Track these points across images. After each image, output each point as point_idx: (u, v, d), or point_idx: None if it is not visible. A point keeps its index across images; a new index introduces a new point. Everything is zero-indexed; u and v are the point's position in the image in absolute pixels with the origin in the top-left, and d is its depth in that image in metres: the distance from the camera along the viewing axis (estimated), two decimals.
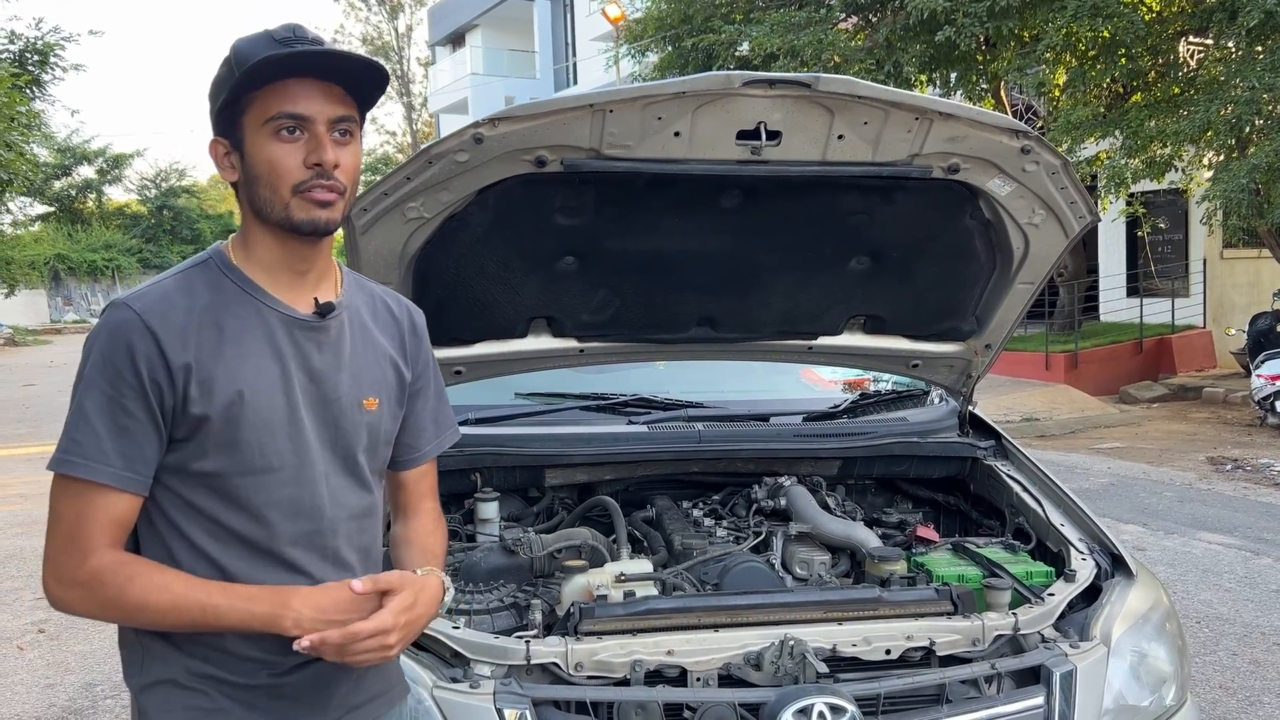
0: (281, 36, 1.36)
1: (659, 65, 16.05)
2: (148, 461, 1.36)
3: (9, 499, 8.04)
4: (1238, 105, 9.37)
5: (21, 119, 14.09)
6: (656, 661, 1.94)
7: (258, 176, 1.38)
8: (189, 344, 1.36)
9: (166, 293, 1.40)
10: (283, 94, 1.36)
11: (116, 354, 1.34)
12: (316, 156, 1.36)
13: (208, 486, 1.39)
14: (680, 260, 2.57)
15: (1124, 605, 2.23)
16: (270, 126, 1.36)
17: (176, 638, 1.41)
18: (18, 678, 4.34)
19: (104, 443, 1.34)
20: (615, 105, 2.06)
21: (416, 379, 1.63)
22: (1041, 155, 2.30)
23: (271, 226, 1.41)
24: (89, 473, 1.34)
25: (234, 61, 1.37)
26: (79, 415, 1.35)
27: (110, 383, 1.34)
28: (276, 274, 1.44)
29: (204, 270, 1.44)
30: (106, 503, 1.35)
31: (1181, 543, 6.21)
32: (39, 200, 33.92)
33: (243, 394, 1.38)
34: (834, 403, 3.24)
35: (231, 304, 1.41)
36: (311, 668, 1.45)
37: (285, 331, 1.43)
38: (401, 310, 1.63)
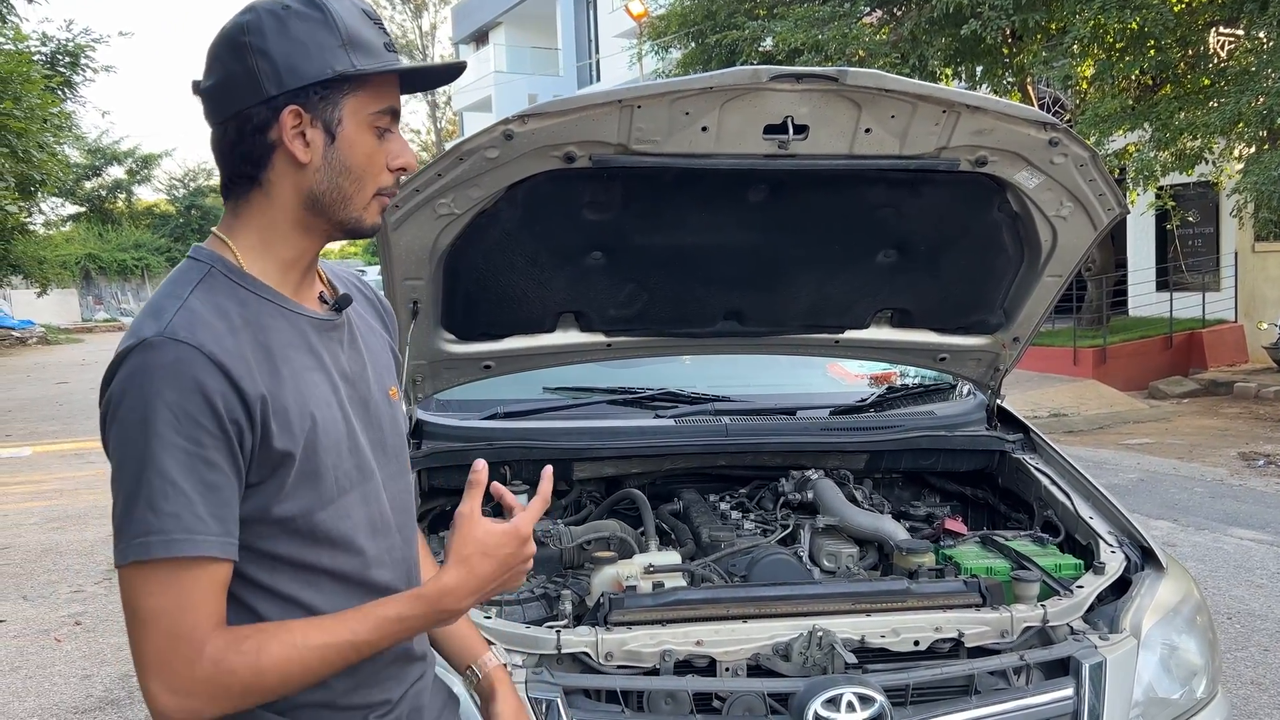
0: (375, 17, 1.25)
1: (682, 61, 16.05)
2: (236, 518, 1.17)
3: (44, 494, 8.17)
4: (1269, 96, 9.25)
5: (53, 120, 14.29)
6: (686, 652, 1.96)
7: (350, 168, 1.22)
8: (254, 371, 1.17)
9: (201, 317, 1.17)
10: (388, 88, 1.24)
11: (186, 399, 1.12)
12: (404, 160, 1.27)
13: (290, 530, 1.22)
14: (707, 254, 2.58)
15: (1154, 598, 2.23)
16: (373, 119, 1.23)
17: (284, 707, 1.23)
18: (55, 669, 4.42)
19: (198, 508, 1.12)
20: (643, 101, 2.08)
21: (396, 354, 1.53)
22: (1069, 147, 2.30)
23: (316, 221, 1.25)
24: (195, 548, 1.11)
25: (341, 30, 1.19)
26: (159, 484, 1.10)
27: (187, 436, 1.12)
28: (288, 273, 1.28)
29: (212, 283, 1.22)
30: (209, 578, 1.14)
31: (1212, 538, 6.15)
32: (70, 201, 34.37)
33: (315, 418, 1.22)
34: (861, 396, 3.24)
35: (261, 316, 1.22)
36: (408, 695, 1.37)
37: (317, 336, 1.28)
38: (370, 290, 1.51)
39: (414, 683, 1.39)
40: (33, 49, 15.40)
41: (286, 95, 1.19)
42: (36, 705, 4.05)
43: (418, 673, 1.41)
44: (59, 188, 21.01)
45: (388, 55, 1.24)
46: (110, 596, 5.37)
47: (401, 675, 1.37)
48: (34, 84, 12.99)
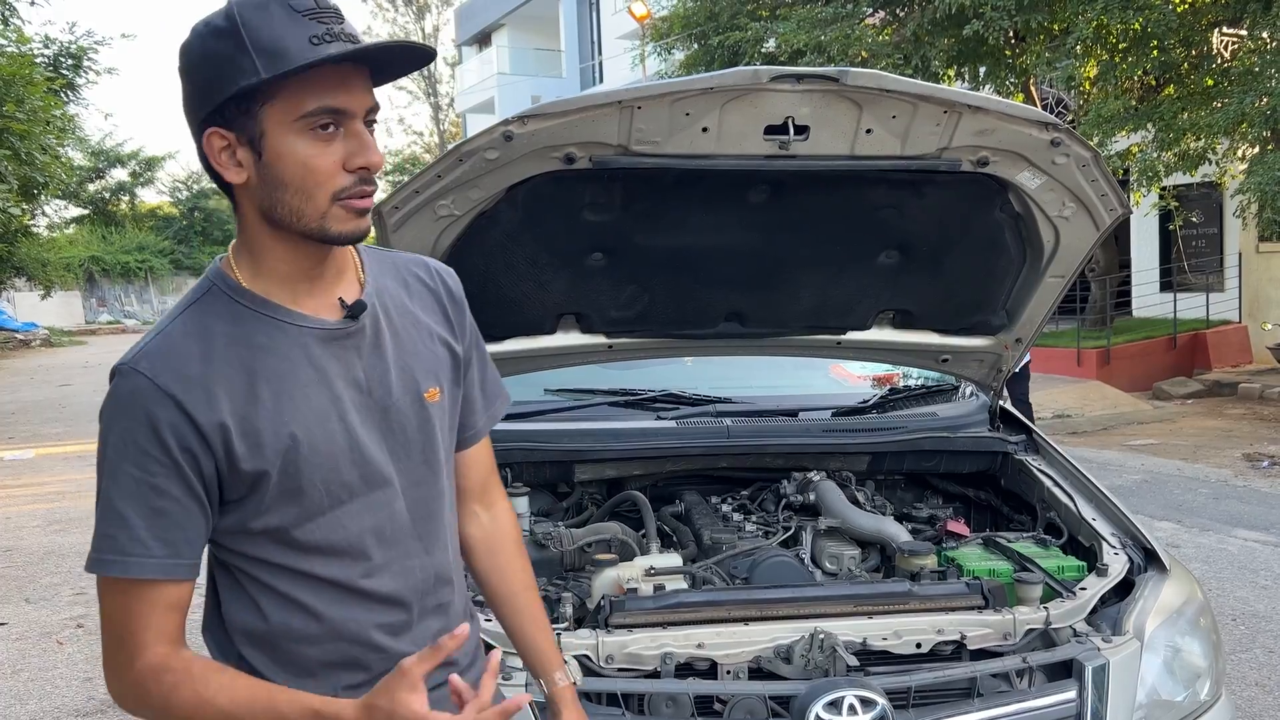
0: (304, 7, 1.13)
1: (685, 63, 16.04)
2: (193, 542, 1.20)
3: (47, 496, 8.18)
4: (1273, 97, 9.23)
5: (56, 123, 14.31)
6: (687, 654, 1.95)
7: (285, 182, 1.16)
8: (217, 399, 1.17)
9: (173, 344, 1.19)
10: (320, 85, 1.13)
11: (136, 429, 1.16)
12: (364, 159, 1.16)
13: (274, 540, 1.24)
14: (708, 256, 2.57)
15: (1157, 600, 2.21)
16: (305, 123, 1.14)
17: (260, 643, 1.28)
18: (57, 672, 4.42)
19: (139, 532, 1.16)
20: (643, 102, 2.07)
21: (467, 350, 1.44)
22: (1071, 147, 2.29)
23: (289, 234, 1.20)
24: (126, 570, 1.17)
25: (247, 39, 1.12)
26: (107, 507, 1.18)
27: (135, 463, 1.16)
28: (294, 284, 1.24)
29: (209, 302, 1.23)
30: (154, 597, 1.19)
31: (1217, 540, 6.13)
32: (73, 203, 34.43)
33: (296, 437, 1.20)
34: (863, 398, 3.23)
35: (253, 334, 1.21)
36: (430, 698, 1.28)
37: (321, 348, 1.24)
38: (434, 278, 1.42)
39: (434, 689, 1.27)
40: (35, 51, 15.43)
41: (208, 118, 1.16)
42: (38, 708, 4.05)
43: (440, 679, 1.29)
44: (62, 190, 21.03)
45: (311, 52, 1.12)
46: None
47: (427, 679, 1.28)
48: (36, 86, 13.01)
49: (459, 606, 1.44)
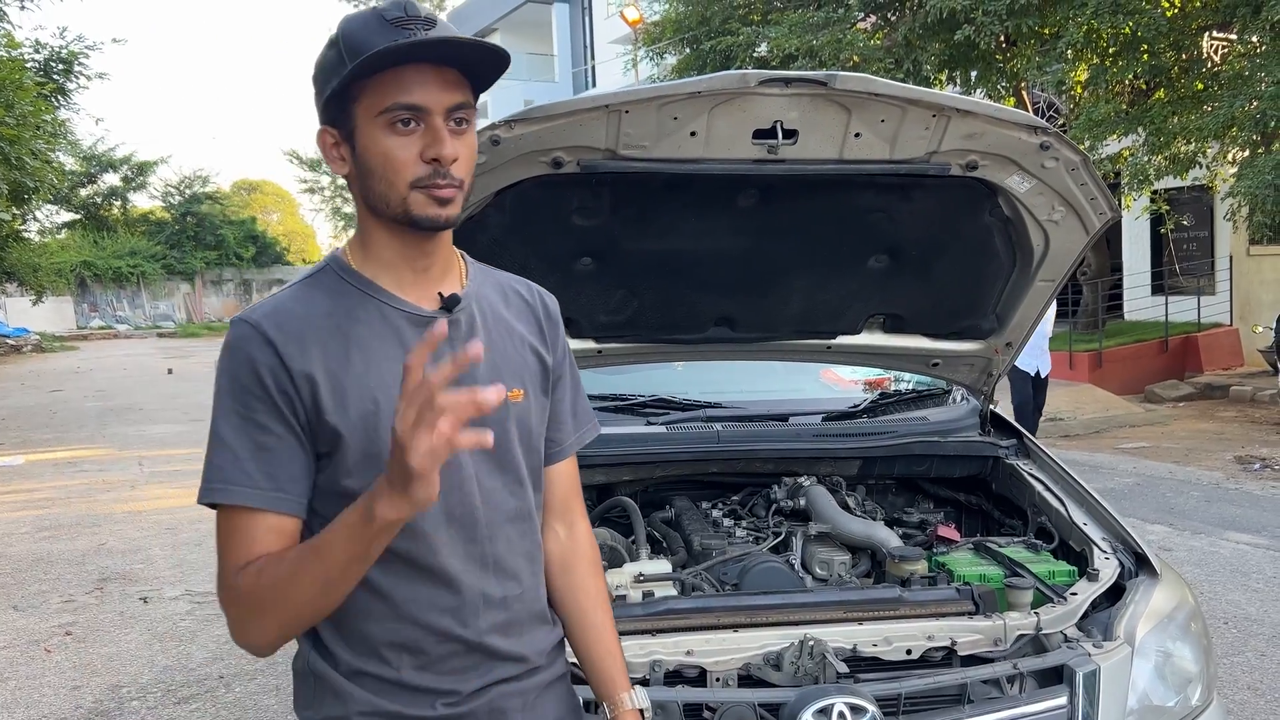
0: (393, 16, 1.26)
1: (677, 67, 16.06)
2: (297, 479, 1.28)
3: (36, 503, 8.14)
4: (1262, 100, 9.26)
5: (47, 128, 14.26)
6: (676, 662, 1.94)
7: (371, 170, 1.29)
8: (310, 353, 1.28)
9: (281, 303, 1.33)
10: (398, 83, 1.25)
11: (240, 370, 1.27)
12: (435, 151, 1.26)
13: None
14: (698, 260, 2.56)
15: (1148, 605, 2.21)
16: (385, 118, 1.26)
17: (349, 670, 1.33)
18: (45, 679, 4.38)
19: (245, 464, 1.25)
20: (631, 106, 2.06)
21: (557, 366, 1.51)
22: (1061, 151, 2.29)
23: (388, 222, 1.33)
24: (231, 497, 1.25)
25: (343, 47, 1.27)
26: (216, 440, 1.27)
27: (241, 401, 1.26)
28: (398, 271, 1.35)
29: (321, 278, 1.36)
30: (259, 527, 1.26)
31: (1209, 543, 6.14)
32: (65, 208, 34.27)
33: (378, 402, 1.28)
34: (854, 402, 3.22)
35: (354, 309, 1.33)
36: (487, 694, 1.38)
37: (413, 331, 1.33)
38: (534, 296, 1.53)
39: (497, 683, 1.38)
40: (25, 56, 15.38)
41: (321, 118, 1.33)
42: (25, 717, 4.02)
43: (505, 674, 1.39)
44: (53, 195, 20.96)
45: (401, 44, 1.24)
46: (101, 607, 5.34)
47: (477, 669, 1.36)
48: (27, 91, 12.96)
49: (527, 609, 1.44)
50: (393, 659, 1.33)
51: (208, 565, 6.03)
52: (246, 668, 4.40)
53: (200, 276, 37.52)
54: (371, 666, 1.32)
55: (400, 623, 1.32)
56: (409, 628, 1.33)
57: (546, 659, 1.47)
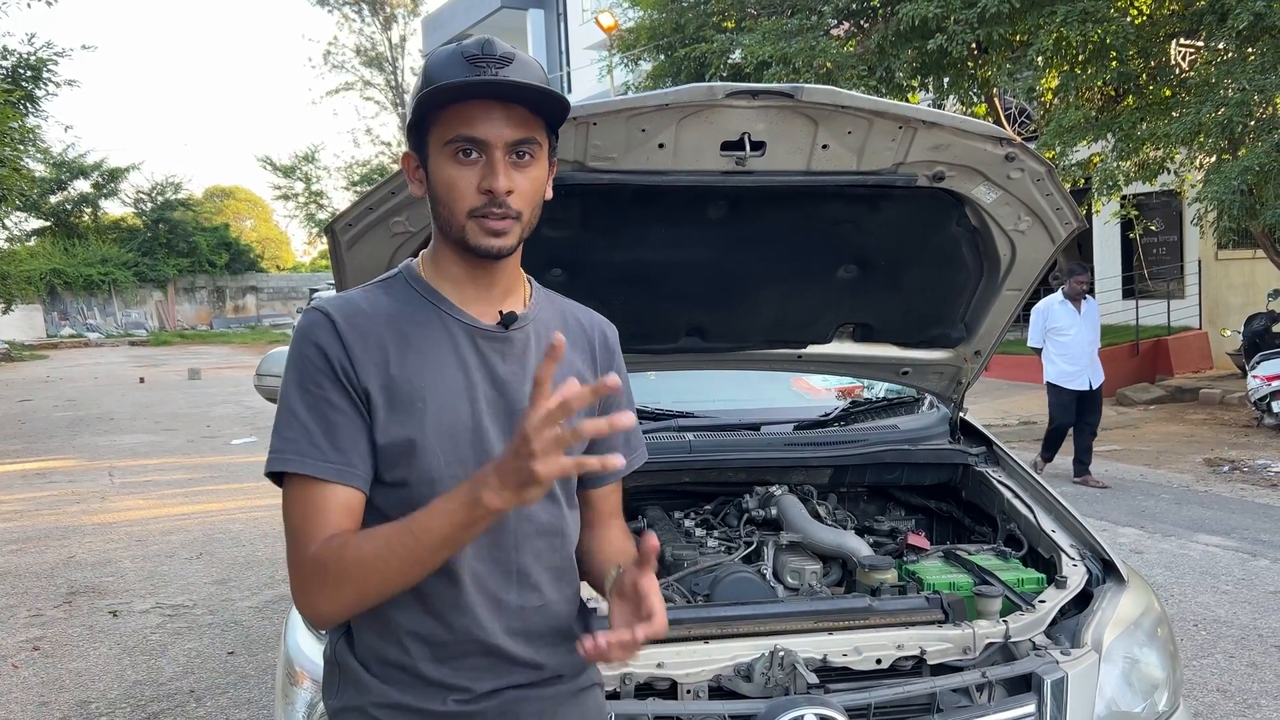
0: (470, 55, 1.35)
1: (652, 74, 16.08)
2: (363, 455, 1.35)
3: (3, 515, 8.02)
4: (1229, 107, 9.39)
5: (15, 134, 14.09)
6: (647, 674, 1.94)
7: (437, 196, 1.38)
8: (371, 346, 1.37)
9: (352, 299, 1.43)
10: (462, 116, 1.34)
11: (310, 352, 1.36)
12: (488, 183, 1.34)
13: (398, 498, 1.36)
14: (668, 271, 2.57)
15: (1115, 611, 2.23)
16: (450, 148, 1.35)
17: (366, 658, 1.40)
18: (12, 695, 4.32)
19: (315, 437, 1.33)
20: (599, 117, 2.06)
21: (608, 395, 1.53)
22: (1026, 162, 2.31)
23: (452, 244, 1.41)
24: (304, 466, 1.32)
25: (424, 79, 1.37)
26: (288, 415, 1.35)
27: (311, 379, 1.35)
28: (463, 288, 1.43)
29: (392, 284, 1.45)
30: (326, 497, 1.32)
31: (1179, 545, 6.20)
32: (35, 215, 33.91)
33: (426, 400, 1.36)
34: (825, 411, 3.24)
35: (416, 313, 1.41)
36: (500, 697, 1.41)
37: (469, 341, 1.41)
38: (593, 325, 1.60)
39: (510, 688, 1.41)
40: None
41: (409, 143, 1.44)
42: None
43: (520, 679, 1.43)
44: (22, 202, 20.70)
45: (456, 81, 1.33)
46: (70, 621, 5.28)
47: (492, 671, 1.40)
48: None
49: (547, 622, 1.46)
50: (412, 648, 1.38)
51: (179, 578, 5.97)
52: (218, 681, 4.35)
53: (173, 284, 37.17)
54: (392, 653, 1.39)
55: (424, 615, 1.38)
56: (431, 620, 1.38)
57: (571, 669, 1.49)
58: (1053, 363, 8.10)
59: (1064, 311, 8.02)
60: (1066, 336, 7.97)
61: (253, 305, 39.24)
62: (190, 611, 5.34)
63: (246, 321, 37.87)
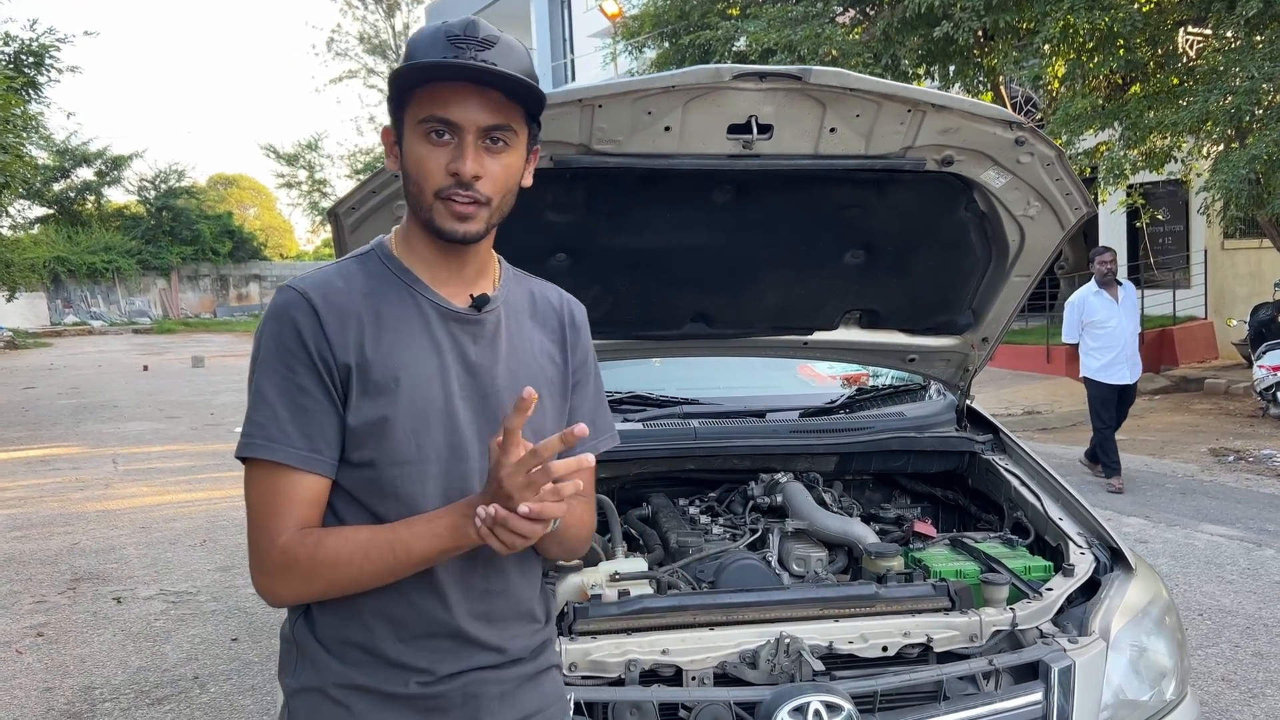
0: (453, 35, 1.33)
1: (656, 61, 16.01)
2: (330, 442, 1.34)
3: (7, 502, 8.03)
4: (1237, 95, 9.33)
5: (18, 121, 14.07)
6: (651, 661, 1.93)
7: (408, 174, 1.38)
8: (348, 326, 1.36)
9: (327, 276, 1.41)
10: (437, 97, 1.33)
11: (285, 332, 1.34)
12: (455, 166, 1.33)
13: (364, 477, 1.36)
14: (673, 256, 2.55)
15: (1123, 599, 2.21)
16: (423, 127, 1.34)
17: (327, 639, 1.39)
18: (16, 681, 4.32)
19: (285, 424, 1.32)
20: (604, 100, 2.04)
21: (576, 370, 1.56)
22: (1036, 146, 2.28)
23: (421, 224, 1.41)
24: (271, 453, 1.32)
25: (405, 55, 1.36)
26: (258, 398, 1.34)
27: (283, 361, 1.34)
28: (434, 268, 1.43)
29: (365, 260, 1.44)
30: (293, 484, 1.33)
31: (1184, 535, 6.19)
32: (38, 202, 33.87)
33: (399, 380, 1.36)
34: (831, 398, 3.22)
35: (390, 292, 1.40)
36: (462, 679, 1.40)
37: (441, 323, 1.41)
38: (562, 303, 1.59)
39: (472, 670, 1.41)
40: None
41: (390, 117, 1.42)
42: None
43: (482, 662, 1.42)
44: (25, 189, 20.68)
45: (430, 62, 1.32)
46: (73, 607, 5.28)
47: (455, 653, 1.40)
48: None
49: (511, 606, 1.46)
50: (376, 628, 1.38)
51: (183, 564, 5.97)
52: (221, 668, 4.35)
53: (176, 272, 37.15)
54: (354, 633, 1.38)
55: (392, 595, 1.37)
56: (397, 600, 1.37)
57: (530, 653, 1.49)
58: (1092, 356, 7.42)
59: (1101, 302, 7.39)
60: (1107, 328, 7.33)
61: (256, 293, 39.19)
62: (194, 598, 5.35)
63: (250, 310, 37.83)
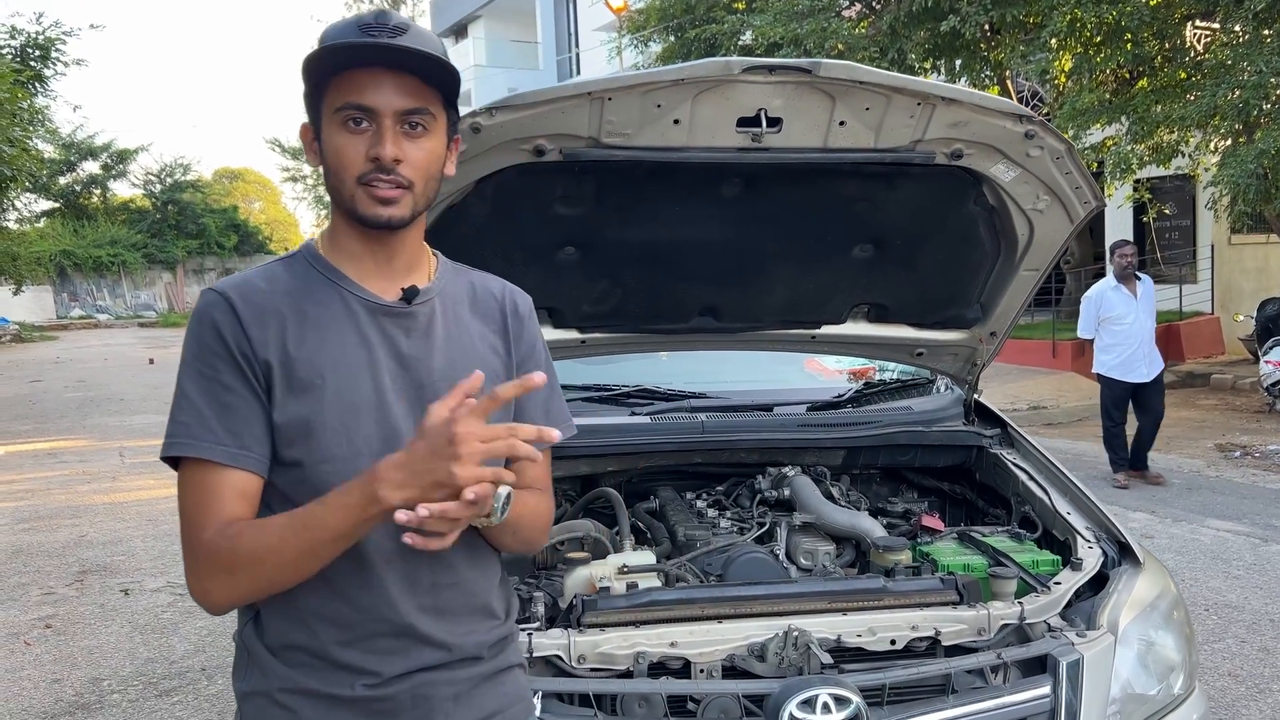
0: (364, 24, 1.34)
1: (661, 55, 16.01)
2: (258, 438, 1.33)
3: (15, 495, 8.06)
4: (1245, 90, 9.30)
5: (24, 114, 14.10)
6: (660, 653, 1.93)
7: (329, 166, 1.37)
8: (269, 325, 1.35)
9: (249, 278, 1.41)
10: (352, 84, 1.33)
11: (206, 333, 1.34)
12: (374, 150, 1.33)
13: (295, 476, 1.35)
14: (682, 250, 2.55)
15: (1131, 593, 2.21)
16: (340, 116, 1.34)
17: (274, 643, 1.37)
18: (24, 673, 4.34)
19: (209, 421, 1.32)
20: (614, 93, 2.04)
21: (522, 361, 1.54)
22: (1045, 140, 2.28)
23: (345, 215, 1.40)
24: (197, 450, 1.31)
25: (319, 47, 1.35)
26: (181, 398, 1.34)
27: (205, 361, 1.33)
28: (362, 263, 1.42)
29: (291, 262, 1.44)
30: (222, 483, 1.31)
31: (1190, 530, 6.18)
32: (44, 196, 33.94)
33: (325, 378, 1.35)
34: (838, 392, 3.22)
35: (315, 291, 1.40)
36: (410, 680, 1.38)
37: (370, 317, 1.40)
38: (504, 295, 1.56)
39: (421, 670, 1.38)
40: (2, 42, 15.18)
41: (306, 113, 1.41)
42: (4, 710, 3.98)
43: (431, 661, 1.39)
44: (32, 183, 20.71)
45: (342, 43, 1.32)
46: (81, 599, 5.30)
47: (402, 653, 1.37)
48: (3, 78, 12.79)
49: (463, 600, 1.43)
50: (320, 631, 1.36)
51: None
52: (229, 660, 4.36)
53: (182, 266, 37.22)
54: (299, 637, 1.37)
55: (331, 596, 1.36)
56: (338, 601, 1.36)
57: (489, 651, 1.46)
58: (1108, 353, 7.23)
59: (1119, 297, 7.18)
60: (1124, 324, 7.15)
61: None
62: None
63: None
